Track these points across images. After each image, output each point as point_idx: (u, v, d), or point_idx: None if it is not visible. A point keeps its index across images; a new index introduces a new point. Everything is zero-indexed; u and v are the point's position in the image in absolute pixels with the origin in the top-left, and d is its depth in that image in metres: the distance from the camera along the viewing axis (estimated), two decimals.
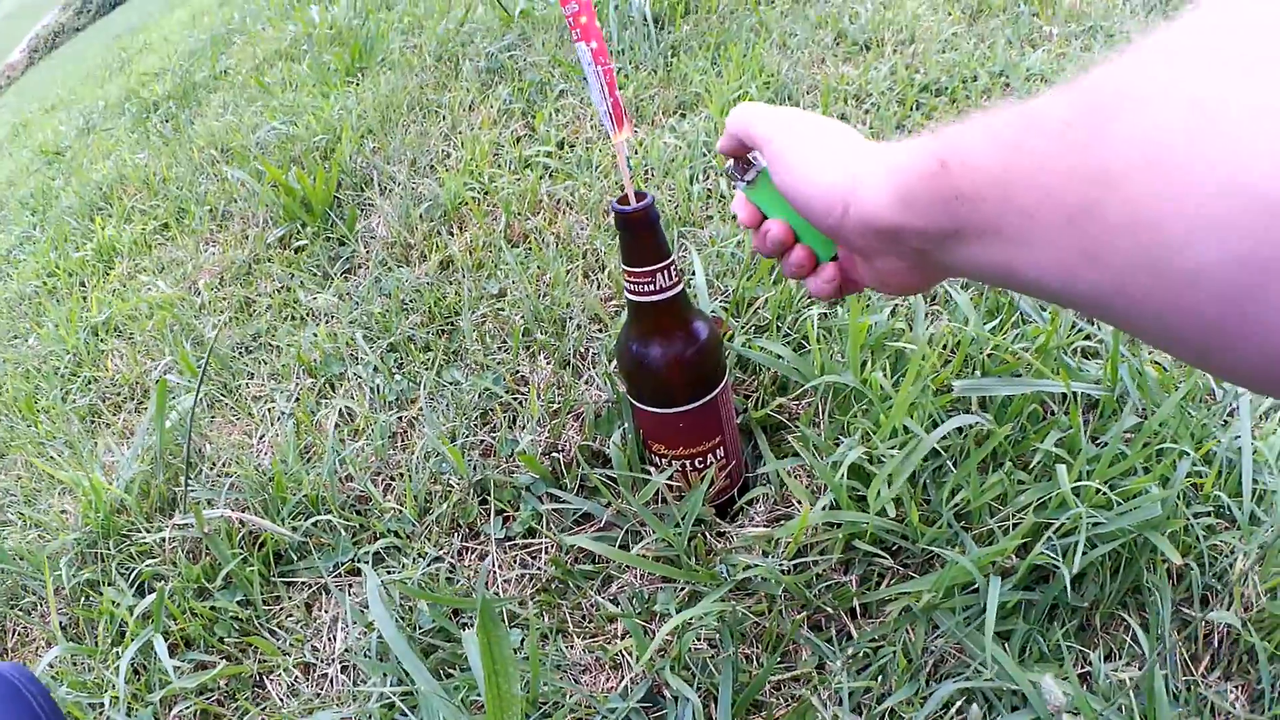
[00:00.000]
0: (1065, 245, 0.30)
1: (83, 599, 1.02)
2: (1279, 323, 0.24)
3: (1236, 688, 0.68)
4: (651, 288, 0.69)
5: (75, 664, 0.96)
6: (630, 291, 0.70)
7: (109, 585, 0.99)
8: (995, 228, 0.33)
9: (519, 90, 1.66)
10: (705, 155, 1.28)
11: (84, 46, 11.62)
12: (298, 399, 1.10)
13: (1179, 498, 0.72)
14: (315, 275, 1.37)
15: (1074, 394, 0.80)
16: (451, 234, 1.29)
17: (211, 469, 1.07)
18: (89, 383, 1.51)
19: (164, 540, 0.99)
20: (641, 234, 0.67)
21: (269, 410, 1.12)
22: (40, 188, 3.09)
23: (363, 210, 1.47)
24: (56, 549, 1.06)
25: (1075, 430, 0.76)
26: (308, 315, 1.28)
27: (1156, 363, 0.83)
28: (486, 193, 1.35)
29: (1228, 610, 0.70)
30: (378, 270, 1.27)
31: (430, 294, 1.15)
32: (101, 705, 0.88)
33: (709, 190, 1.20)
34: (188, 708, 0.85)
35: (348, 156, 1.60)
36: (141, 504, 1.06)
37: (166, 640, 0.88)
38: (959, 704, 0.58)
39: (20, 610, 1.07)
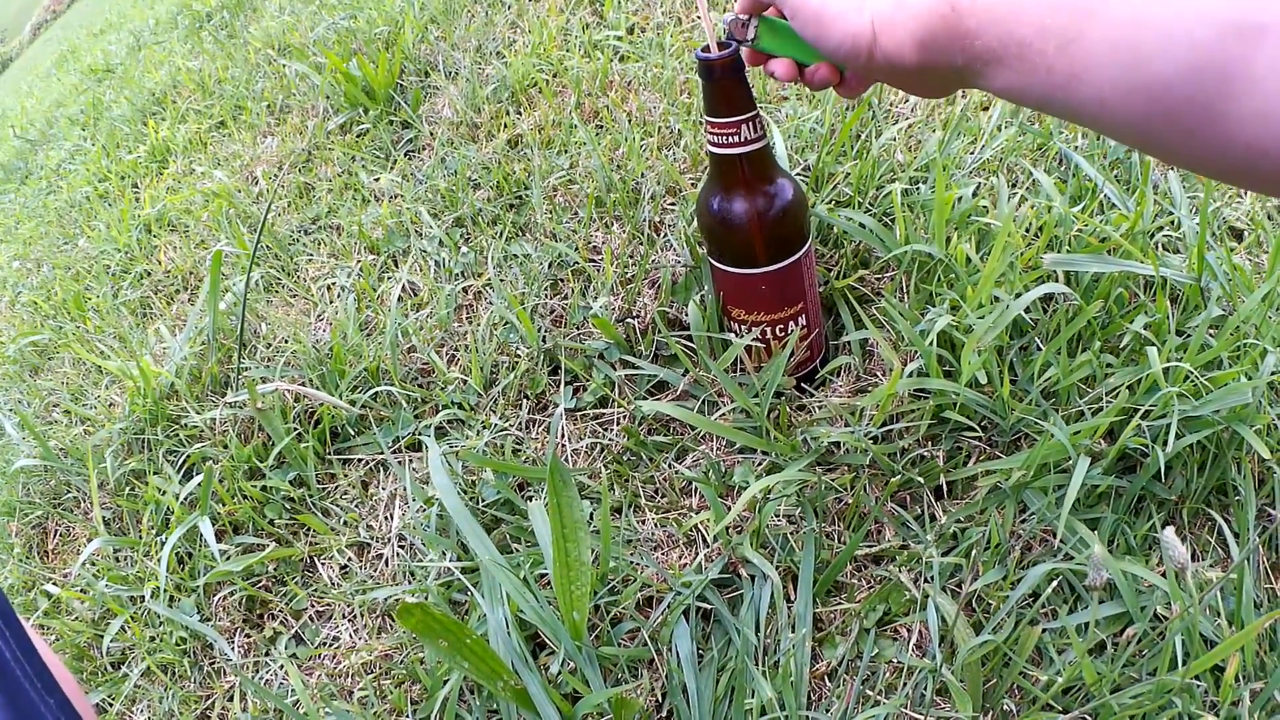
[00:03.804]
0: (1059, 69, 0.38)
1: (127, 490, 1.05)
2: (1242, 115, 0.32)
3: None
4: (735, 139, 0.67)
5: (117, 558, 0.99)
6: (713, 144, 0.68)
7: (155, 474, 1.01)
8: (999, 58, 0.41)
9: None
10: None
11: None
12: (360, 273, 1.10)
13: (1264, 395, 0.69)
14: (378, 157, 1.36)
15: (1162, 279, 0.76)
16: (519, 113, 1.27)
17: (267, 348, 1.08)
18: (140, 277, 1.54)
19: (214, 421, 1.00)
20: (726, 82, 0.64)
21: (328, 288, 1.13)
22: (90, 103, 3.15)
23: (426, 94, 1.46)
24: (103, 440, 1.09)
25: (1163, 316, 0.73)
26: (370, 196, 1.28)
27: (1236, 264, 0.78)
28: (555, 74, 1.33)
29: None
30: (444, 150, 1.26)
31: (498, 170, 1.14)
32: (142, 598, 0.90)
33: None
34: (233, 593, 0.86)
35: (410, 44, 1.59)
36: (192, 388, 1.08)
37: (214, 526, 0.89)
38: (1047, 592, 0.55)
39: (62, 509, 1.10)
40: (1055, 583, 0.57)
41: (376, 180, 1.30)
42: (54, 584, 1.01)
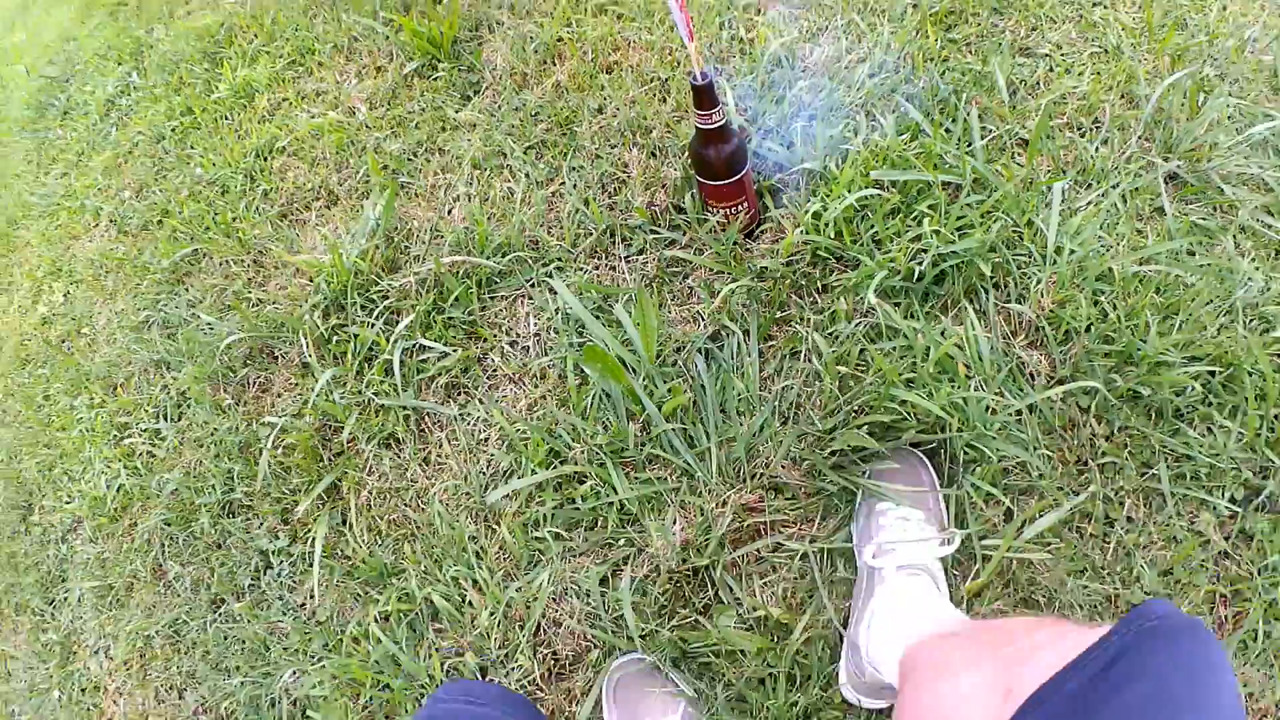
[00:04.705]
0: None
1: (331, 340, 1.73)
2: None
3: (1039, 356, 1.36)
4: (708, 120, 1.34)
5: (328, 397, 1.66)
6: (698, 120, 1.35)
7: (354, 325, 1.69)
8: None
9: None
10: (729, 9, 1.87)
11: None
12: (476, 181, 1.78)
13: (1006, 245, 1.38)
14: (455, 96, 2.01)
15: (940, 182, 1.45)
16: (556, 64, 1.92)
17: (419, 237, 1.76)
18: (265, 194, 2.17)
19: (400, 286, 1.69)
20: (704, 95, 1.31)
21: (448, 194, 1.80)
22: (115, 37, 3.57)
23: (480, 45, 2.09)
24: (304, 309, 1.77)
25: (940, 201, 1.42)
26: (457, 127, 1.93)
27: (1006, 168, 1.47)
28: (576, 36, 1.96)
29: (1028, 306, 1.37)
30: (506, 93, 1.91)
31: (550, 109, 1.80)
32: (354, 417, 1.59)
33: (733, 35, 1.80)
34: (437, 376, 1.57)
35: (456, 3, 2.20)
36: (371, 267, 1.76)
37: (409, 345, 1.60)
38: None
39: (259, 366, 1.79)
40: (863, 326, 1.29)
41: (459, 114, 1.95)
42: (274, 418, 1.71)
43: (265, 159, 2.27)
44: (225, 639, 1.59)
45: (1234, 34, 1.59)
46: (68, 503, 2.00)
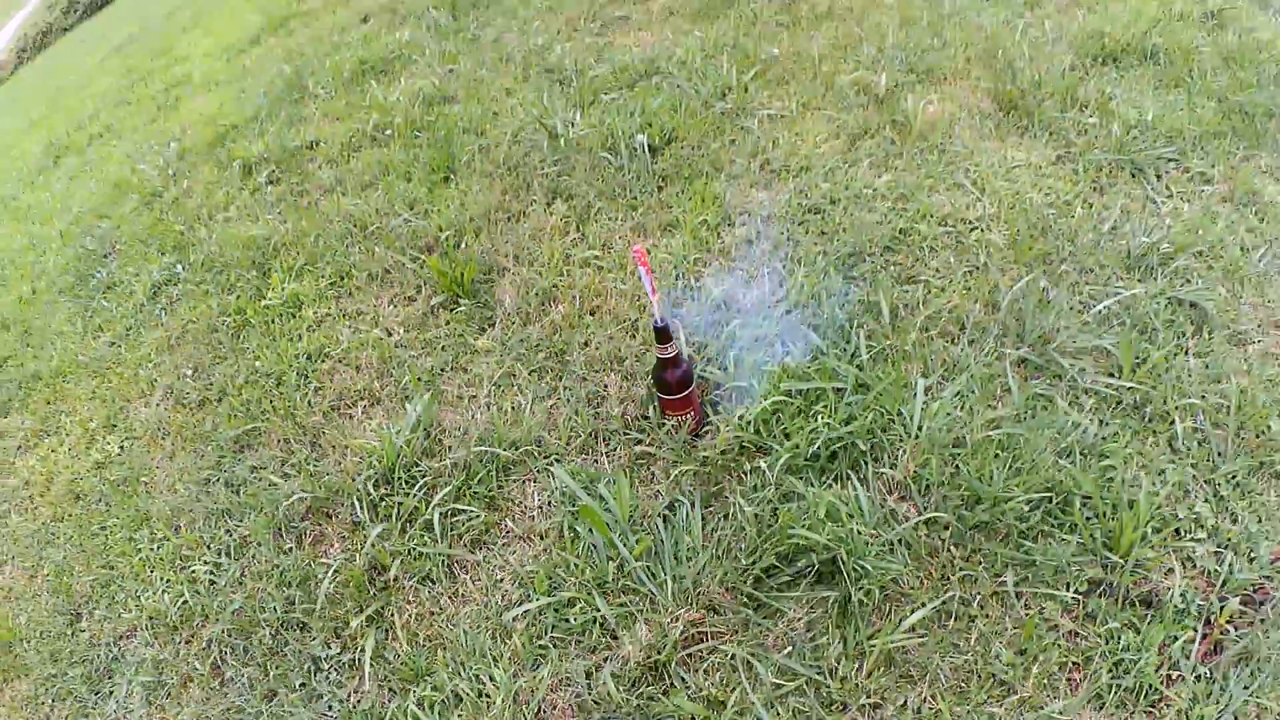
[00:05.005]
0: None
1: (380, 504, 2.32)
2: None
3: (908, 505, 2.01)
4: (665, 352, 2.01)
5: (377, 546, 2.26)
6: (658, 352, 2.02)
7: (399, 494, 2.29)
8: None
9: (572, 207, 2.98)
10: (684, 263, 2.60)
11: (80, 51, 12.61)
12: (491, 393, 2.43)
13: (881, 429, 2.06)
14: (474, 327, 2.68)
15: (832, 388, 2.13)
16: (552, 305, 2.61)
17: (454, 430, 2.38)
18: (316, 390, 2.80)
19: (437, 467, 2.30)
20: (664, 336, 1.99)
21: (472, 403, 2.44)
22: (154, 226, 4.25)
23: (491, 286, 2.78)
24: (361, 479, 2.37)
25: (831, 400, 2.10)
26: (476, 351, 2.59)
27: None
28: (567, 284, 2.66)
29: (897, 470, 2.03)
30: (514, 327, 2.59)
31: (548, 342, 2.48)
32: (398, 561, 2.19)
33: (687, 285, 2.52)
34: (466, 534, 2.17)
35: (477, 253, 2.91)
36: (413, 451, 2.37)
37: (444, 510, 2.20)
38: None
39: (315, 521, 2.38)
40: (776, 493, 1.93)
41: (476, 341, 2.62)
42: (329, 560, 2.28)
43: (315, 361, 2.90)
44: None
45: (1095, 228, 2.32)
46: (124, 614, 2.46)
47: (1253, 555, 1.78)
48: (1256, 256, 2.38)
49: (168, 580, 2.48)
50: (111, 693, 2.33)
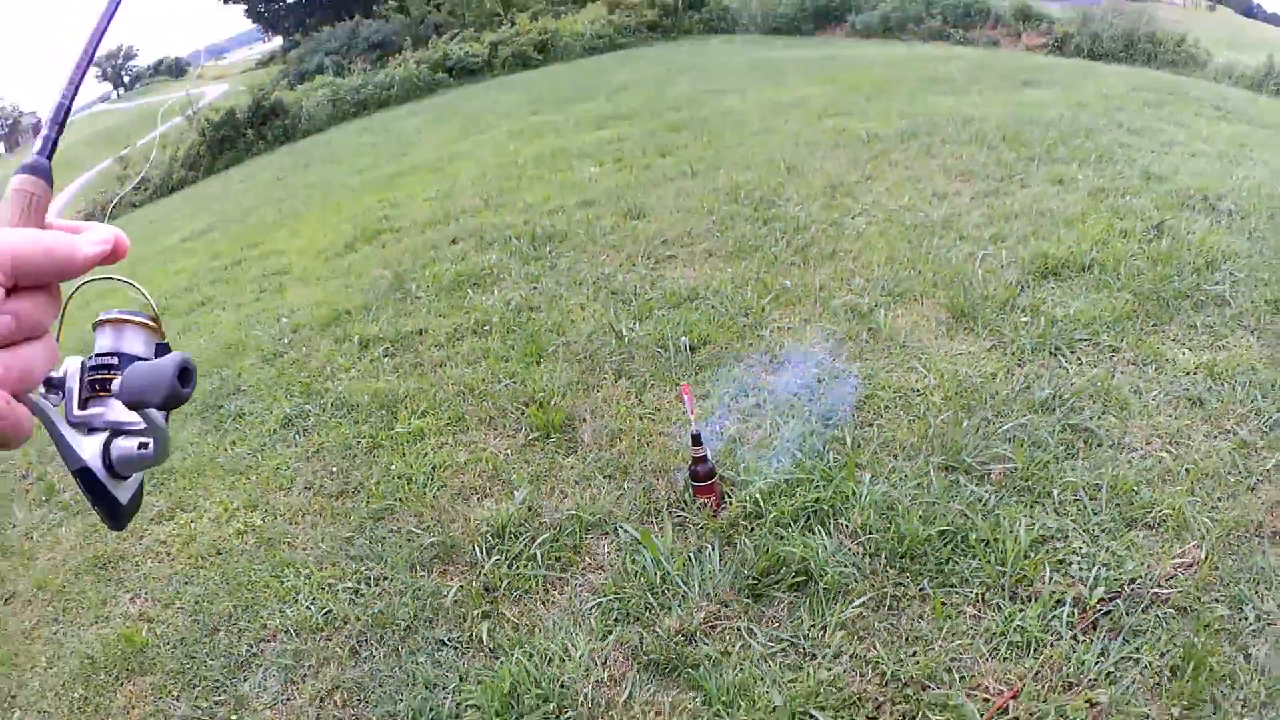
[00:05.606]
0: None
1: (493, 551, 3.42)
2: None
3: (860, 548, 3.15)
4: (699, 452, 3.22)
5: (491, 573, 3.37)
6: (693, 453, 3.22)
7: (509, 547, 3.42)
8: None
9: (633, 383, 4.26)
10: (714, 415, 3.85)
11: (151, 229, 14.32)
12: (576, 486, 3.61)
13: (842, 502, 3.23)
14: (560, 454, 3.88)
15: (809, 479, 3.33)
16: (619, 440, 3.83)
17: (549, 509, 3.54)
18: (441, 487, 3.94)
19: (536, 528, 3.44)
20: (697, 441, 3.20)
21: (562, 500, 3.62)
22: (279, 376, 5.38)
23: (574, 429, 4.01)
24: (477, 534, 3.50)
25: (808, 487, 3.30)
26: (562, 469, 3.79)
27: None
28: (628, 428, 3.89)
29: (846, 529, 3.20)
30: (591, 455, 3.80)
31: (616, 464, 3.69)
32: (505, 582, 3.32)
33: (714, 431, 3.76)
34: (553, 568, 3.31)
35: (566, 406, 4.15)
36: (519, 517, 3.52)
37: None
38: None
39: (443, 562, 3.51)
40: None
41: (560, 470, 3.81)
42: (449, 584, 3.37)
43: (439, 470, 4.04)
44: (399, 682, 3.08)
45: (1011, 387, 3.55)
46: (265, 625, 3.27)
47: (1120, 568, 2.72)
48: (1149, 396, 3.55)
49: (313, 598, 3.26)
50: (247, 678, 2.98)
